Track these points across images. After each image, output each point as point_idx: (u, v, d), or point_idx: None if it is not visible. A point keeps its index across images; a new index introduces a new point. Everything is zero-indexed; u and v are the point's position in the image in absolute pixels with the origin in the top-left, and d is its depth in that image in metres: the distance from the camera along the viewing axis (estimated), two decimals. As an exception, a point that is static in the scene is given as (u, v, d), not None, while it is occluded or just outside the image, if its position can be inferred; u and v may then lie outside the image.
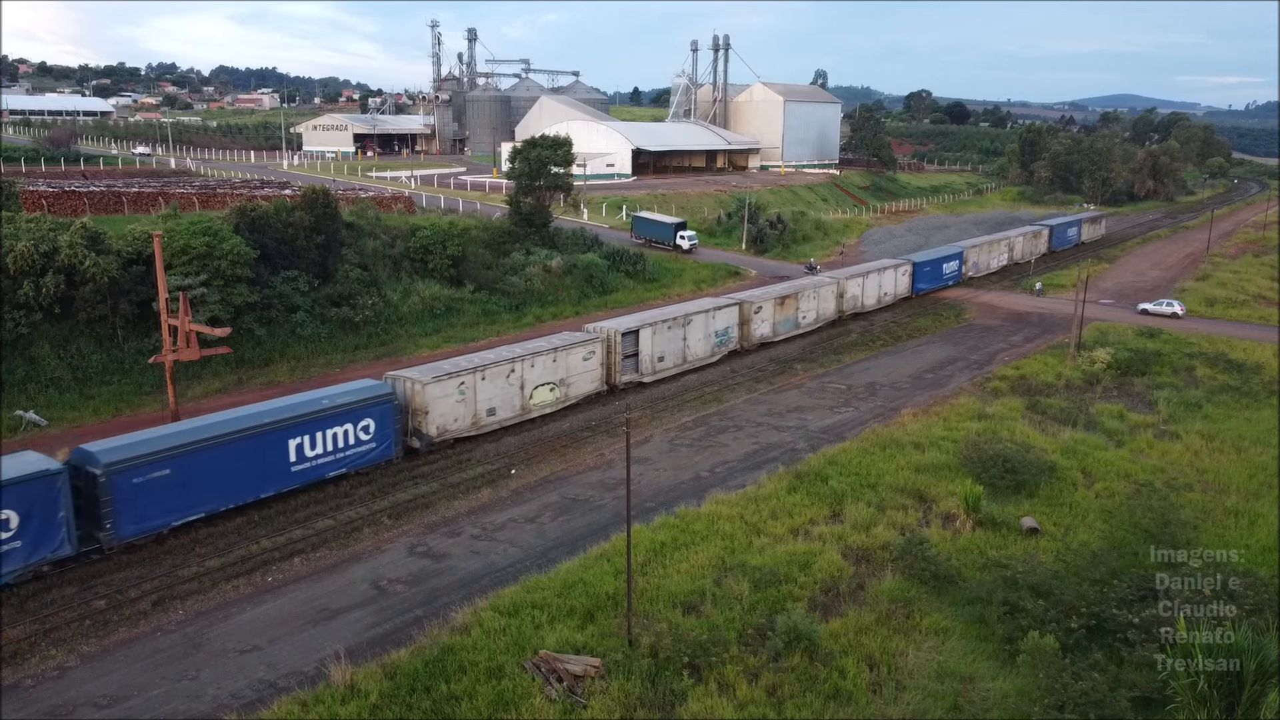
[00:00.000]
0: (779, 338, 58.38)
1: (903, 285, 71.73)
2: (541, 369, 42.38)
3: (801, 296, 60.02)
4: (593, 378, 45.38)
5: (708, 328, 52.40)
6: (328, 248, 55.13)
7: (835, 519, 32.46)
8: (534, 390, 42.09)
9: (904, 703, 22.43)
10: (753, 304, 56.10)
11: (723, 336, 53.67)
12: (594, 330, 46.89)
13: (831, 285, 63.68)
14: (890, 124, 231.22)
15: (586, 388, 45.10)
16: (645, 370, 48.35)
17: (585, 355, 44.54)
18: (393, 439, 36.52)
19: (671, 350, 49.98)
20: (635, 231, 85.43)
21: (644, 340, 47.88)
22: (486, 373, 40.04)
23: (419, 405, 37.85)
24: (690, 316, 51.27)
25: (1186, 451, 39.95)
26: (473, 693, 22.15)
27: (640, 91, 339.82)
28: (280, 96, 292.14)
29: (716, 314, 53.06)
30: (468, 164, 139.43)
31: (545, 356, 42.64)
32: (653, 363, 48.71)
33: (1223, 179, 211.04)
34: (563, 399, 43.79)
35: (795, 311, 59.41)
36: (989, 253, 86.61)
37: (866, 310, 67.43)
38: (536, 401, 42.35)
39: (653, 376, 48.89)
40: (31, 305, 43.42)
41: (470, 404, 39.39)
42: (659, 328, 48.87)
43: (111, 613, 26.53)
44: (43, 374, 42.89)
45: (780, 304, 58.12)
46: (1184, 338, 60.83)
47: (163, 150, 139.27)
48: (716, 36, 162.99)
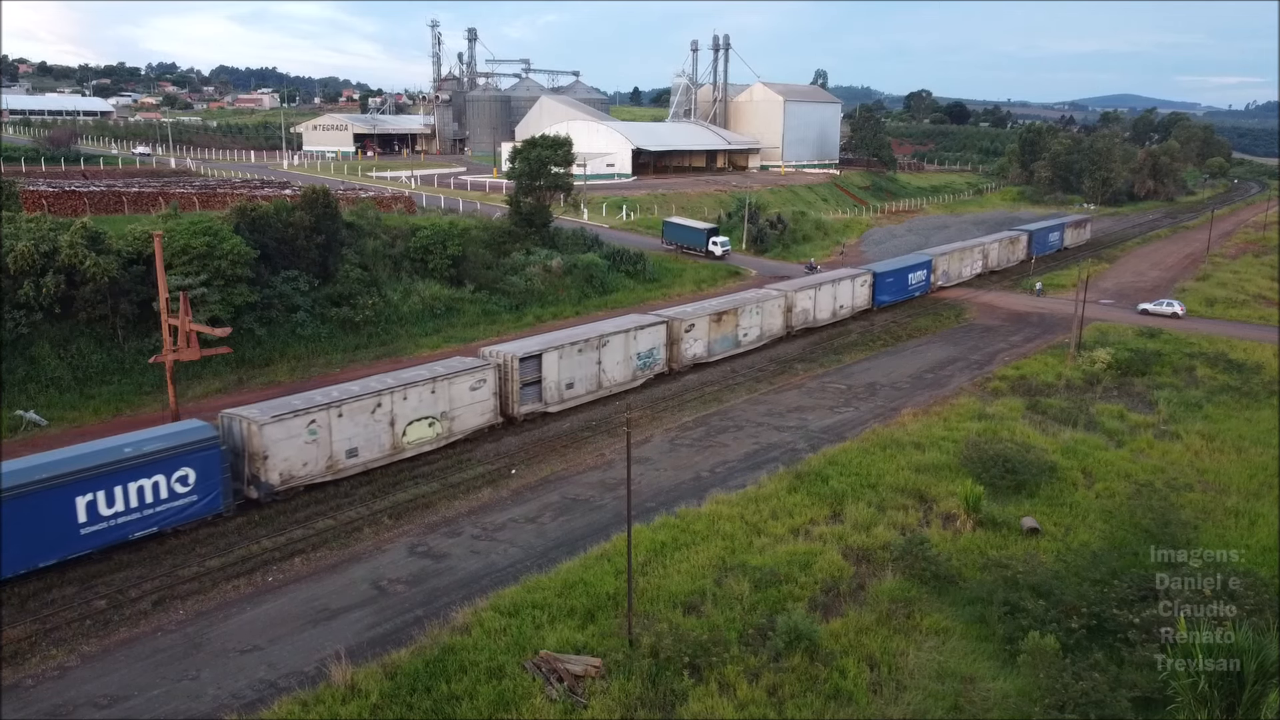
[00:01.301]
0: (715, 358, 53.35)
1: (862, 298, 66.96)
2: (417, 402, 37.25)
3: (742, 312, 54.99)
4: (483, 410, 40.30)
5: (628, 349, 47.27)
6: (328, 248, 55.13)
7: (835, 519, 32.46)
8: (408, 426, 37.04)
9: (904, 703, 22.43)
10: (683, 321, 50.95)
11: (647, 359, 48.64)
12: (489, 354, 42.17)
13: (778, 299, 58.71)
14: (890, 124, 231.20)
15: (475, 421, 40.02)
16: (550, 399, 43.29)
17: (474, 384, 39.52)
18: (220, 490, 31.42)
19: (583, 375, 44.93)
20: (666, 237, 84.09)
21: (548, 365, 42.89)
22: (345, 408, 34.89)
23: (256, 449, 32.45)
24: (607, 338, 46.10)
25: (1187, 452, 39.95)
26: (473, 693, 22.14)
27: (640, 91, 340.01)
28: (280, 96, 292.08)
29: (639, 334, 47.91)
30: (468, 164, 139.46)
31: (421, 387, 37.50)
32: (559, 390, 43.70)
33: (1223, 179, 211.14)
34: (445, 435, 38.69)
35: (735, 329, 54.44)
36: (961, 261, 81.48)
37: (819, 325, 62.63)
38: (412, 439, 37.24)
39: (559, 406, 43.81)
40: (32, 305, 43.42)
41: (324, 445, 34.26)
42: (567, 351, 43.91)
43: (112, 612, 26.52)
44: (43, 374, 42.89)
45: (716, 320, 53.05)
46: (1184, 338, 60.84)
47: (163, 150, 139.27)
48: (716, 36, 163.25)
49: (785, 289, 60.48)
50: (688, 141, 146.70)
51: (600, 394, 46.07)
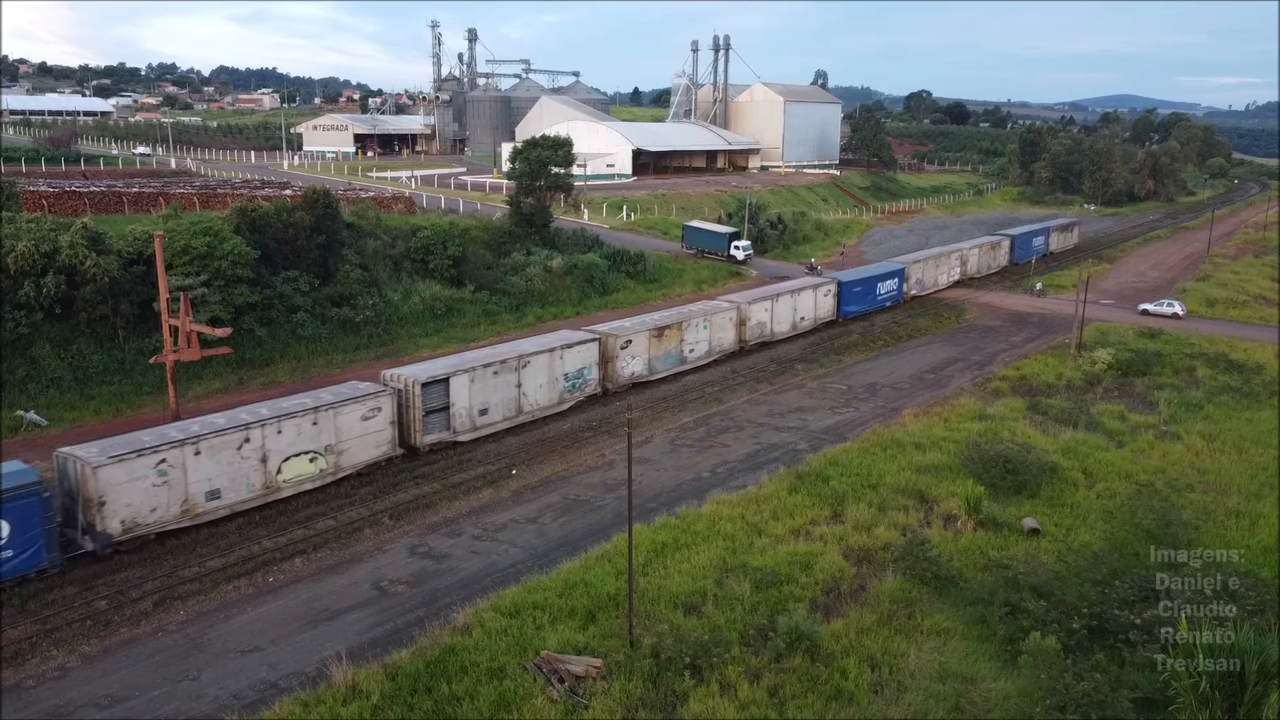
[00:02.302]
0: (657, 375, 49.68)
1: (826, 308, 63.24)
2: (295, 435, 33.63)
3: (687, 326, 51.38)
4: (378, 441, 36.58)
5: (553, 370, 43.75)
6: (328, 248, 55.13)
7: (836, 519, 32.46)
8: (284, 463, 33.46)
9: (905, 703, 22.43)
10: (618, 338, 47.17)
11: (576, 379, 45.01)
12: (389, 379, 38.63)
13: (730, 311, 54.95)
14: (890, 124, 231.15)
15: (369, 454, 36.33)
16: (460, 427, 39.74)
17: (367, 413, 35.86)
18: (41, 543, 27.54)
19: (500, 400, 41.34)
20: (686, 241, 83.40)
21: (457, 390, 39.36)
22: (204, 445, 31.23)
23: (91, 494, 28.80)
24: (528, 358, 42.49)
25: (1187, 452, 39.95)
26: (474, 693, 22.15)
27: (640, 92, 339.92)
28: (280, 97, 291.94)
29: (566, 353, 44.37)
30: (468, 164, 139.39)
31: (301, 419, 33.85)
32: (471, 417, 40.08)
33: (1223, 179, 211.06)
34: (331, 471, 35.09)
35: (679, 344, 50.89)
36: (936, 268, 77.19)
37: (777, 339, 58.80)
38: (289, 476, 33.71)
39: (471, 434, 40.25)
40: (32, 305, 43.42)
41: (178, 487, 30.57)
42: (480, 374, 40.30)
43: (113, 613, 26.53)
44: (43, 374, 42.89)
45: (658, 336, 49.23)
46: (1185, 338, 60.83)
47: (163, 150, 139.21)
48: (717, 37, 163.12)
49: (738, 300, 56.93)
50: (688, 142, 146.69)
51: (521, 419, 42.42)
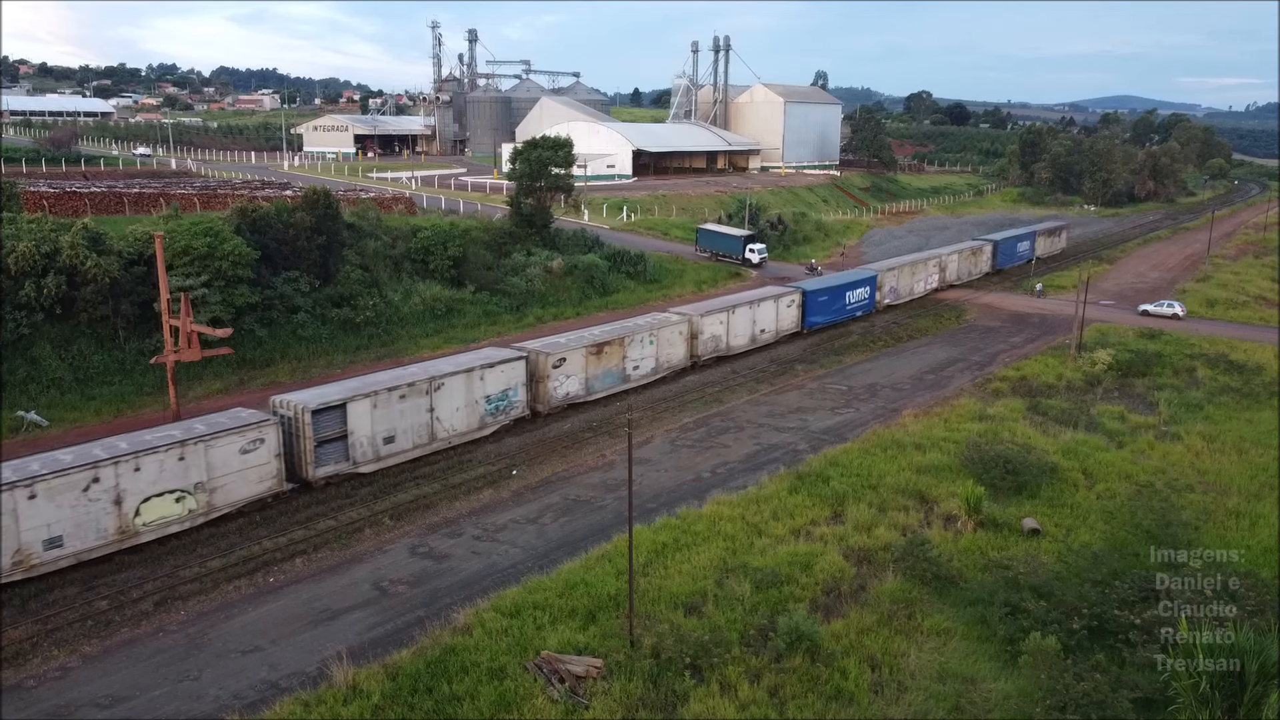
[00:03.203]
0: (595, 395, 46.03)
1: (789, 320, 59.79)
2: (157, 472, 29.79)
3: (631, 341, 47.64)
4: (261, 475, 32.78)
5: (472, 392, 39.93)
6: (329, 248, 55.16)
7: (836, 520, 32.47)
8: (144, 504, 29.56)
9: (906, 703, 22.44)
10: (549, 356, 43.43)
11: (500, 401, 41.33)
12: (279, 404, 34.92)
13: (680, 324, 51.25)
14: (891, 125, 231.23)
15: (249, 490, 32.50)
16: (361, 457, 36.03)
17: (247, 445, 32.10)
18: None
19: (409, 426, 37.63)
20: (700, 244, 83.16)
21: (357, 417, 35.60)
22: (41, 486, 27.30)
23: None
24: (441, 380, 38.64)
25: (1188, 453, 39.96)
26: (475, 693, 22.16)
27: (641, 92, 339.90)
28: (281, 97, 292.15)
29: (487, 373, 40.51)
30: (468, 165, 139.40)
31: (164, 454, 30.01)
32: (373, 446, 36.40)
33: (1223, 180, 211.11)
34: (203, 511, 31.31)
35: (621, 361, 47.23)
36: (913, 275, 73.90)
37: (734, 353, 55.41)
38: (151, 519, 29.83)
39: (374, 465, 36.58)
40: (33, 306, 43.44)
41: (9, 535, 26.95)
42: (384, 398, 36.54)
43: (113, 613, 26.56)
44: (44, 374, 42.91)
45: (596, 353, 45.62)
46: (1185, 339, 60.84)
47: (163, 151, 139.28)
48: (717, 37, 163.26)
49: (690, 312, 53.29)
50: (688, 142, 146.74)
51: (435, 446, 38.80)
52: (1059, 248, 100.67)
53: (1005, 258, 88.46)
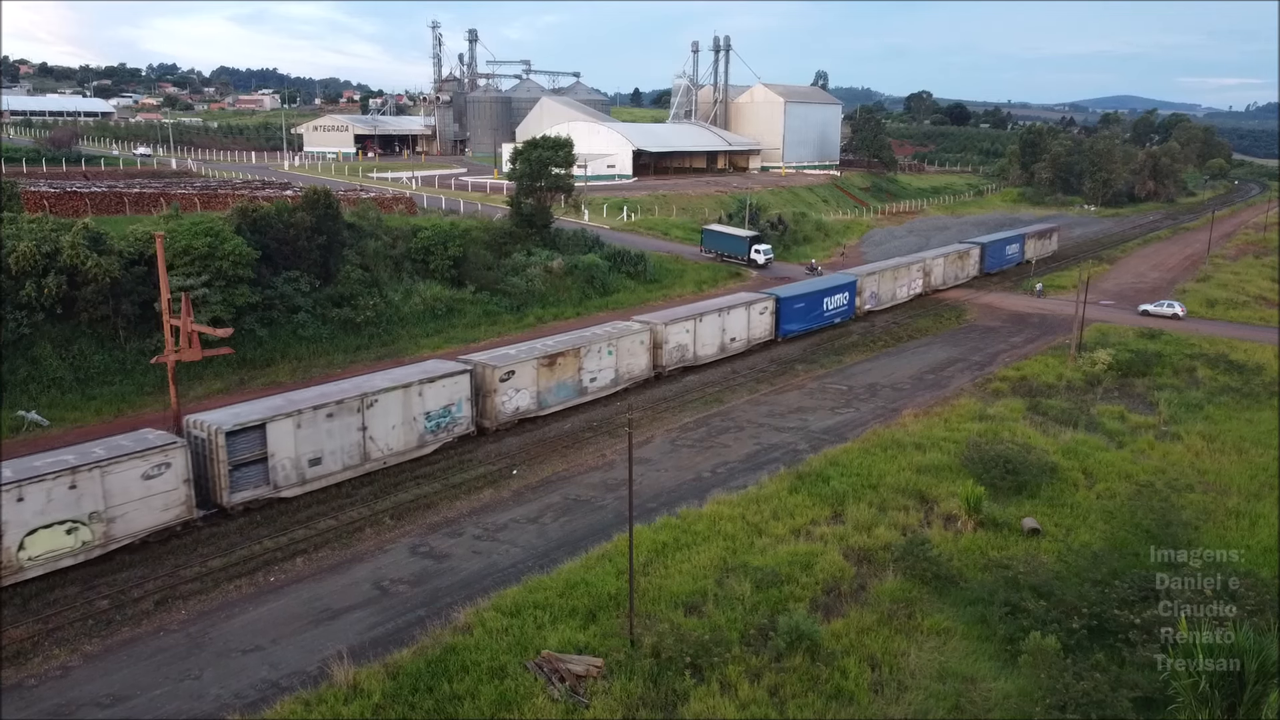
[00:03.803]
0: (549, 410, 43.72)
1: (761, 328, 57.28)
2: (44, 501, 27.45)
3: (587, 352, 45.25)
4: (167, 503, 30.29)
5: (410, 409, 37.37)
6: (329, 248, 55.19)
7: (837, 519, 32.49)
8: (28, 536, 27.27)
9: (906, 703, 22.47)
10: (496, 369, 40.93)
11: (441, 418, 38.80)
12: (193, 425, 32.52)
13: (640, 334, 48.69)
14: (891, 125, 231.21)
15: (153, 519, 30.01)
16: (284, 480, 33.53)
17: (150, 470, 29.58)
18: None
19: (339, 446, 35.05)
20: (705, 245, 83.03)
21: (278, 437, 33.08)
22: None
23: None
24: (374, 396, 36.09)
25: (1187, 452, 39.98)
26: (475, 692, 22.18)
27: (641, 93, 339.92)
28: (281, 97, 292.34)
29: (427, 389, 38.05)
30: (468, 165, 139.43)
31: (52, 483, 27.59)
32: (297, 468, 33.84)
33: (1223, 180, 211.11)
34: (99, 542, 28.87)
35: (576, 373, 44.85)
36: (895, 280, 71.50)
37: (702, 363, 52.86)
38: (37, 553, 27.51)
39: (299, 488, 34.04)
40: (33, 306, 43.47)
41: None
42: (310, 417, 33.97)
43: (114, 612, 26.59)
44: (44, 374, 42.94)
45: (548, 365, 43.24)
46: (1185, 339, 60.85)
47: (164, 151, 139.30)
48: (717, 38, 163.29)
49: (653, 320, 50.72)
50: (688, 142, 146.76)
51: (368, 467, 36.29)
52: (1050, 250, 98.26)
53: (994, 261, 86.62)
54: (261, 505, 33.31)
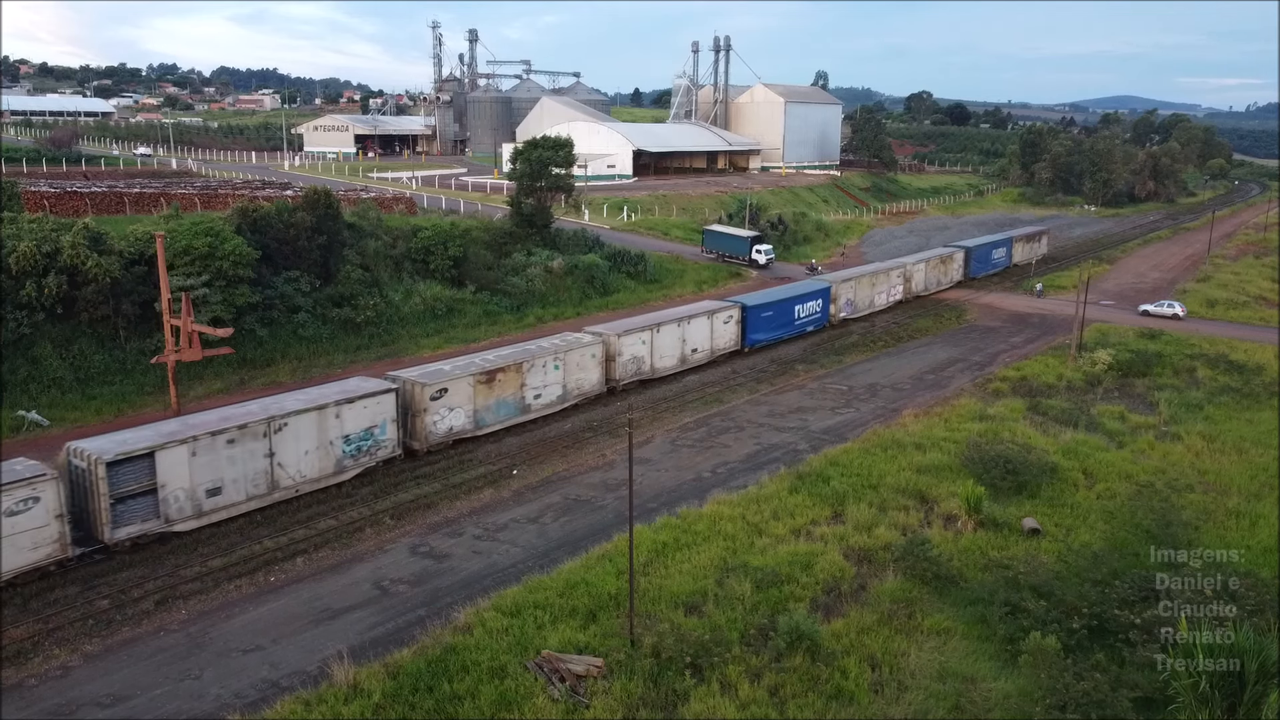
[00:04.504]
0: (488, 429, 40.67)
1: (726, 337, 54.51)
2: None
3: (530, 367, 42.25)
4: (36, 541, 27.45)
5: (327, 431, 34.40)
6: (329, 248, 55.19)
7: (837, 519, 32.49)
8: None
9: (906, 703, 22.47)
10: (428, 386, 37.87)
11: (363, 441, 35.73)
12: (73, 453, 29.66)
13: (593, 346, 45.86)
14: (891, 125, 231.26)
15: (19, 560, 27.17)
16: (177, 513, 30.60)
17: (15, 505, 26.86)
18: None
19: (242, 475, 32.14)
20: (705, 245, 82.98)
21: (169, 467, 30.11)
22: None
23: None
24: (284, 420, 33.16)
25: (1188, 453, 39.97)
26: (475, 692, 22.19)
27: (641, 93, 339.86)
28: (281, 97, 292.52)
29: (346, 410, 34.89)
30: (469, 165, 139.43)
31: None
32: (193, 500, 30.93)
33: (1223, 180, 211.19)
34: None
35: (519, 389, 41.90)
36: (873, 286, 68.21)
37: (660, 375, 49.97)
38: None
39: (196, 521, 31.13)
40: (34, 305, 43.47)
41: None
42: (207, 444, 31.06)
43: (114, 612, 26.58)
44: (45, 374, 42.94)
45: (486, 382, 40.24)
46: (1185, 339, 60.86)
47: (164, 151, 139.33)
48: (717, 38, 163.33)
49: (606, 331, 47.74)
50: (688, 142, 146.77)
51: (277, 496, 33.33)
52: (1039, 254, 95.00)
53: (979, 265, 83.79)
54: (152, 540, 30.42)
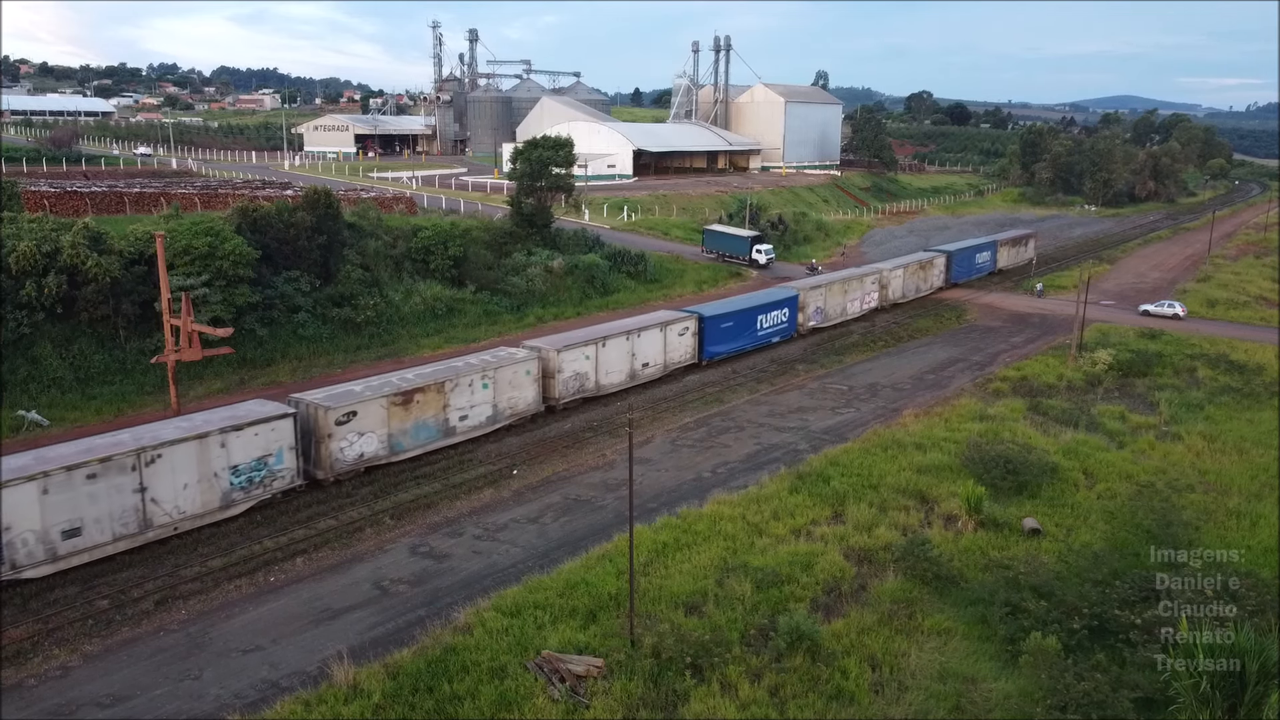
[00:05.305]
0: (404, 454, 37.40)
1: (682, 351, 51.24)
2: None
3: (455, 387, 38.94)
4: None
5: (209, 463, 31.08)
6: (329, 248, 55.18)
7: (837, 519, 32.47)
8: None
9: (906, 703, 22.45)
10: (332, 410, 34.60)
11: (255, 471, 32.44)
12: None
13: (527, 362, 42.35)
14: (891, 125, 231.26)
15: None
16: (26, 558, 27.26)
17: None
18: None
19: (105, 513, 28.70)
20: (706, 245, 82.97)
21: (17, 506, 26.89)
22: None
23: None
24: (158, 451, 29.74)
25: (1188, 453, 39.95)
26: (475, 692, 22.17)
27: (641, 92, 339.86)
28: (281, 97, 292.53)
29: (232, 439, 31.70)
30: (469, 165, 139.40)
31: None
32: (45, 543, 27.51)
33: (1224, 180, 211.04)
34: None
35: (442, 410, 38.52)
36: (844, 294, 64.84)
37: (607, 392, 46.73)
38: None
39: (51, 566, 27.82)
40: (34, 305, 43.46)
41: None
42: (62, 481, 27.75)
43: (114, 612, 26.57)
44: (45, 374, 42.94)
45: (403, 403, 36.95)
46: (1185, 339, 60.82)
47: (164, 150, 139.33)
48: (717, 38, 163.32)
49: (544, 346, 44.46)
50: (689, 142, 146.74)
51: (151, 535, 29.94)
52: (1025, 258, 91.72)
53: (962, 270, 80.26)
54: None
